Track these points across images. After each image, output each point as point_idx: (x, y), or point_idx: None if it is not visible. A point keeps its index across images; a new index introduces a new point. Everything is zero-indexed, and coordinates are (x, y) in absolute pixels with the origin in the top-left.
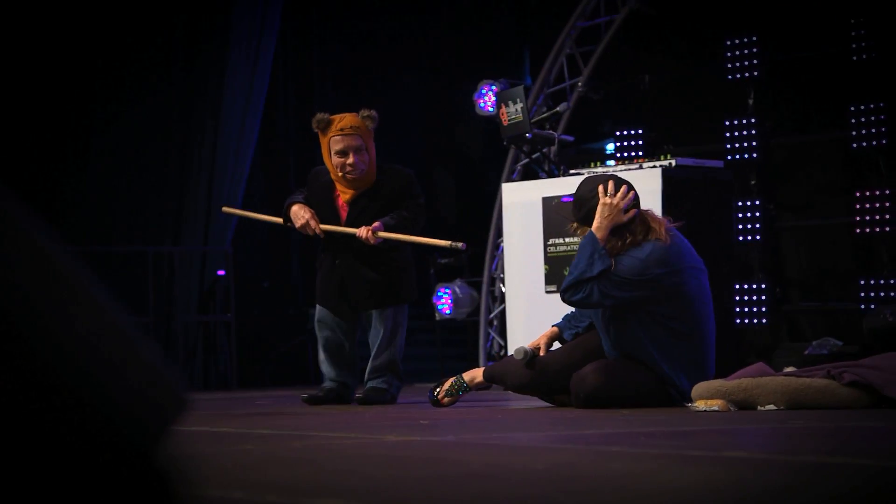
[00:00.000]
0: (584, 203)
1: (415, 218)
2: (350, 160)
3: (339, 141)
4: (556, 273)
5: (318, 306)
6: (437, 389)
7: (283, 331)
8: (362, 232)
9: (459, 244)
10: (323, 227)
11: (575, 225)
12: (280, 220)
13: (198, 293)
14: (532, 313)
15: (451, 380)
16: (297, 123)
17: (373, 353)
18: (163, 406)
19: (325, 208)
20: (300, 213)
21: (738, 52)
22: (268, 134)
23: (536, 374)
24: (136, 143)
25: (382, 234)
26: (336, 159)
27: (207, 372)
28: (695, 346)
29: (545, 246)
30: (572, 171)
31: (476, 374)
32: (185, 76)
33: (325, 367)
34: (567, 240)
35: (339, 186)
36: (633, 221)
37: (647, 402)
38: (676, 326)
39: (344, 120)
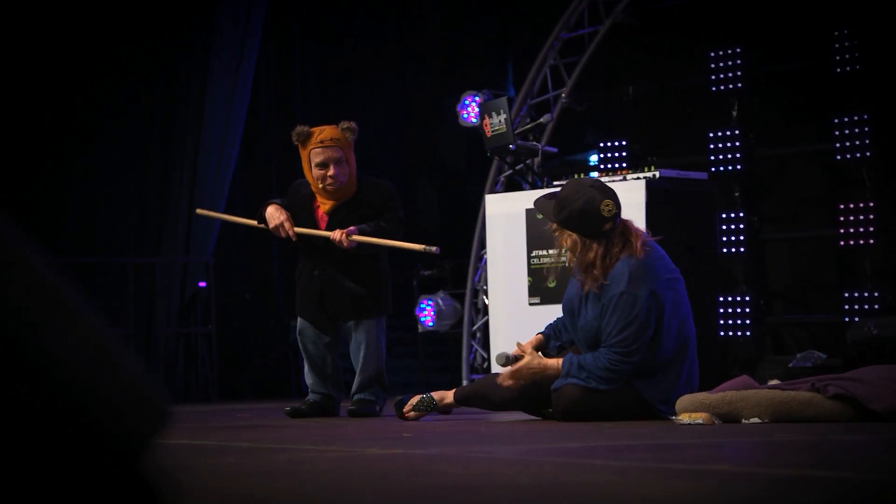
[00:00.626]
0: (566, 206)
1: (393, 229)
2: (330, 172)
3: (320, 153)
4: (540, 285)
5: (298, 318)
6: (404, 402)
7: (265, 342)
8: (336, 234)
9: (433, 248)
10: (297, 229)
11: (554, 226)
12: (254, 221)
13: (179, 304)
14: (515, 325)
15: (420, 396)
16: (279, 133)
17: (359, 366)
18: (144, 419)
19: (305, 218)
20: (275, 215)
21: (721, 64)
22: (250, 145)
23: (522, 388)
24: (117, 153)
25: (356, 237)
26: (316, 171)
27: (188, 384)
28: (676, 358)
29: (528, 257)
30: (556, 183)
31: (446, 395)
32: (167, 85)
33: (310, 379)
34: (551, 251)
35: (319, 198)
36: (613, 232)
37: (630, 415)
38: (658, 340)
39: (324, 132)
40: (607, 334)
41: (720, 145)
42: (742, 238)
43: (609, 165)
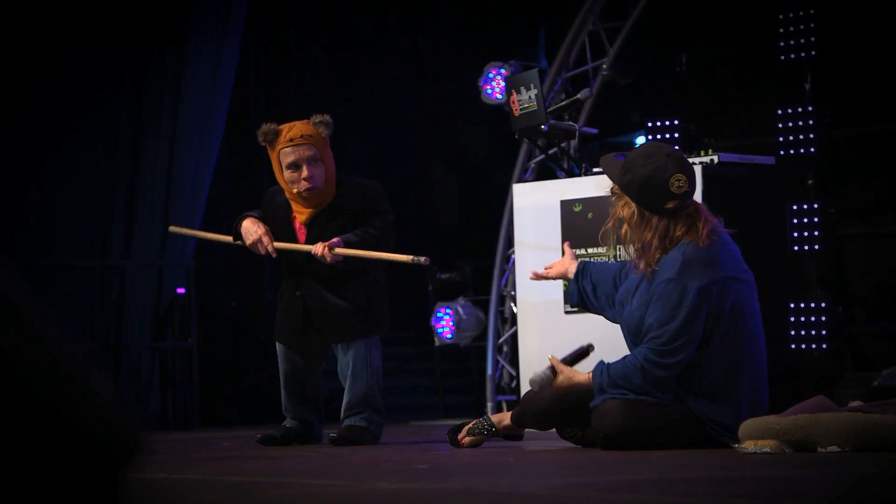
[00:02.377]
0: (631, 169)
1: (382, 236)
2: (304, 174)
3: (290, 153)
4: None
5: (277, 343)
6: (459, 428)
7: (254, 359)
8: (318, 248)
9: (422, 259)
10: (277, 245)
11: (614, 189)
12: (229, 238)
13: (153, 315)
14: (549, 338)
15: (476, 420)
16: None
17: (346, 387)
18: (115, 449)
19: (281, 231)
20: (252, 229)
21: (792, 28)
22: (238, 138)
23: (555, 399)
24: (82, 142)
25: (340, 250)
26: (288, 174)
27: (164, 408)
28: (740, 374)
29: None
30: (595, 170)
31: (504, 417)
32: (140, 74)
33: (286, 403)
34: (591, 250)
35: (294, 206)
36: (678, 212)
37: (683, 443)
38: (715, 350)
39: (293, 129)
40: (647, 327)
41: (790, 124)
42: (816, 234)
43: None
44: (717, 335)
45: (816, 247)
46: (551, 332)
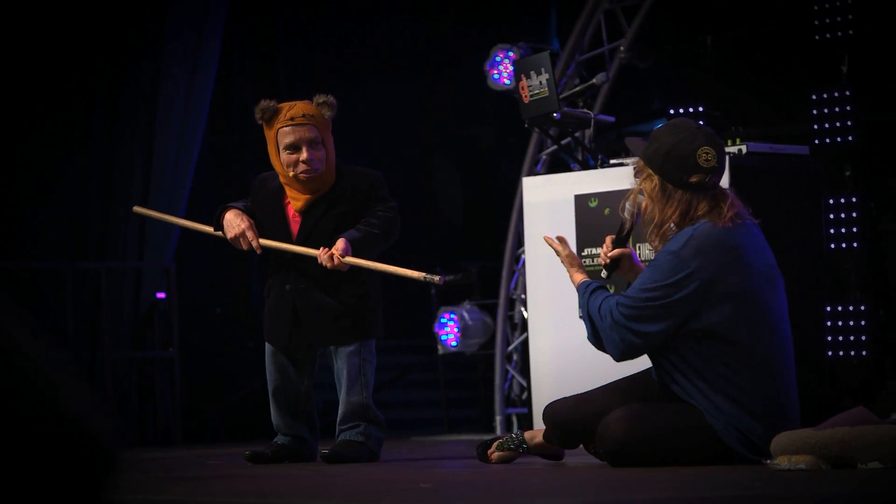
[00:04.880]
0: (657, 138)
1: (386, 227)
2: (303, 156)
3: (289, 132)
4: None
5: (266, 345)
6: (489, 444)
7: (241, 369)
8: (323, 255)
9: (436, 277)
10: (264, 242)
11: (640, 164)
12: (209, 228)
13: (131, 321)
14: (562, 344)
15: (508, 435)
16: (256, 129)
17: (341, 399)
18: (91, 465)
19: (272, 221)
20: (234, 222)
21: (827, 5)
22: (220, 142)
23: (572, 411)
24: (54, 139)
25: (350, 259)
26: (285, 156)
27: (144, 423)
28: (767, 379)
29: (579, 257)
30: (613, 162)
31: (536, 434)
32: (115, 71)
33: (276, 418)
34: (606, 240)
35: (289, 192)
36: (702, 189)
37: (696, 459)
38: (737, 350)
39: (295, 108)
40: (630, 286)
41: (826, 111)
42: (855, 230)
43: None
44: (755, 336)
45: (855, 244)
46: (565, 338)
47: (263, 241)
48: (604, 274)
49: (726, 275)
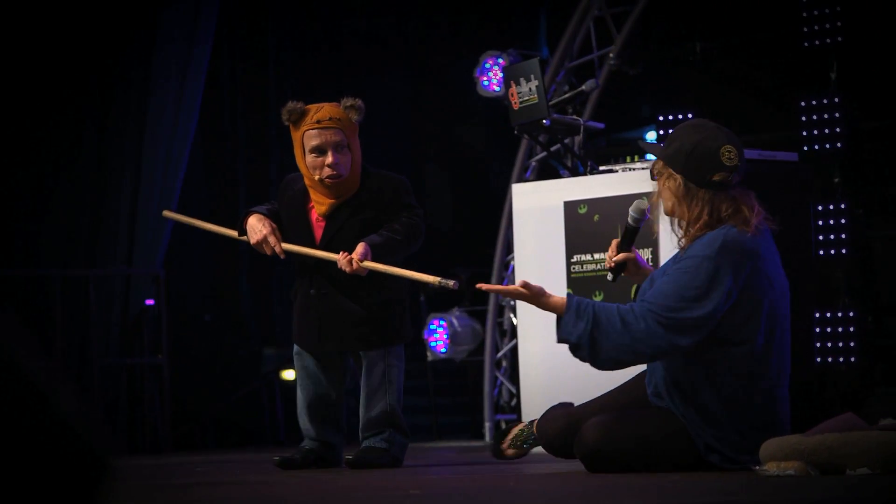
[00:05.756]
0: (678, 138)
1: (409, 234)
2: (329, 159)
3: (316, 135)
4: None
5: (295, 346)
6: (502, 437)
7: (230, 377)
8: (342, 260)
9: (450, 282)
10: (286, 246)
11: (659, 165)
12: (234, 232)
13: (120, 328)
14: (552, 351)
15: (520, 426)
16: (247, 135)
17: (364, 404)
18: (82, 473)
19: (296, 225)
20: (257, 227)
21: (817, 12)
22: (212, 148)
23: (565, 424)
24: (43, 144)
25: (368, 264)
26: (311, 158)
27: (133, 430)
28: (767, 392)
29: (568, 264)
30: (603, 168)
31: None
32: (103, 78)
33: (305, 423)
34: (596, 256)
35: (313, 195)
36: (725, 189)
37: (672, 466)
38: (748, 359)
39: (322, 110)
40: (656, 292)
41: (815, 117)
42: (843, 236)
43: None
44: (744, 341)
45: (844, 251)
46: (554, 344)
47: (286, 246)
48: (610, 277)
49: (752, 282)
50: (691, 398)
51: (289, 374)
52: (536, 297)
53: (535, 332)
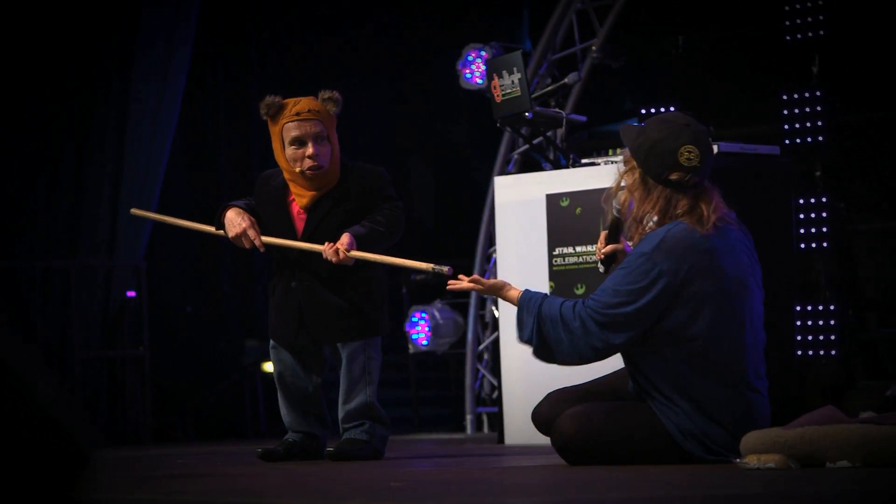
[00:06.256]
0: (644, 132)
1: (391, 225)
2: (309, 151)
3: (295, 127)
4: (565, 292)
5: (271, 341)
6: None
7: (212, 368)
8: (328, 250)
9: (445, 268)
10: (266, 239)
11: (626, 156)
12: (211, 228)
13: (101, 320)
14: None
15: None
16: (229, 131)
17: (343, 396)
18: (61, 464)
19: (276, 218)
20: (236, 221)
21: (799, 6)
22: (193, 126)
23: (549, 409)
24: (23, 136)
25: (355, 253)
26: (291, 151)
27: (114, 422)
28: (734, 387)
29: (550, 257)
30: (585, 161)
31: None
32: (88, 61)
33: (286, 416)
34: (578, 249)
35: (293, 188)
36: (682, 188)
37: (649, 458)
38: (703, 353)
39: (300, 103)
40: (594, 293)
41: (796, 111)
42: (825, 230)
43: None
44: (695, 333)
45: (825, 244)
46: None
47: (266, 239)
48: (601, 269)
49: (697, 276)
50: (659, 391)
51: (270, 367)
52: (493, 290)
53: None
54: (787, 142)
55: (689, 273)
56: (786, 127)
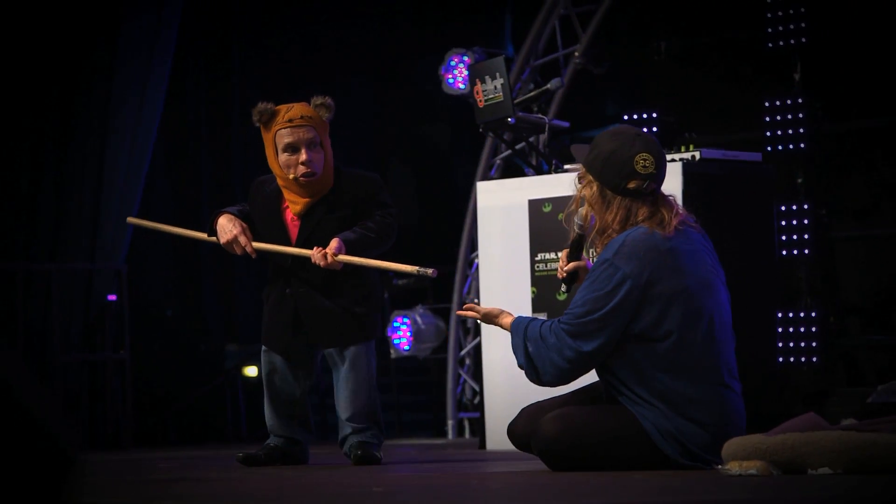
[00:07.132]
0: (596, 146)
1: (383, 232)
2: (303, 157)
3: (288, 133)
4: (546, 297)
5: (263, 347)
6: None
7: (192, 373)
8: (316, 255)
9: (429, 271)
10: (257, 245)
11: (582, 171)
12: (203, 235)
13: (82, 324)
14: None
15: None
16: (210, 136)
17: (346, 400)
18: (45, 468)
19: (270, 225)
20: (227, 227)
21: (781, 13)
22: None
23: (525, 424)
24: (5, 135)
25: (343, 257)
26: (284, 157)
27: (94, 426)
28: (707, 386)
29: (532, 262)
30: (567, 167)
31: None
32: (69, 65)
33: (270, 419)
34: (560, 254)
35: (287, 195)
36: (640, 196)
37: (630, 463)
38: (673, 353)
39: (293, 109)
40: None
41: (778, 118)
42: (806, 237)
43: None
44: (663, 333)
45: (806, 251)
46: None
47: (257, 245)
48: (563, 289)
49: (661, 277)
50: (630, 390)
51: (251, 371)
52: (488, 318)
53: (498, 330)
54: (769, 148)
55: (653, 274)
56: (768, 134)
